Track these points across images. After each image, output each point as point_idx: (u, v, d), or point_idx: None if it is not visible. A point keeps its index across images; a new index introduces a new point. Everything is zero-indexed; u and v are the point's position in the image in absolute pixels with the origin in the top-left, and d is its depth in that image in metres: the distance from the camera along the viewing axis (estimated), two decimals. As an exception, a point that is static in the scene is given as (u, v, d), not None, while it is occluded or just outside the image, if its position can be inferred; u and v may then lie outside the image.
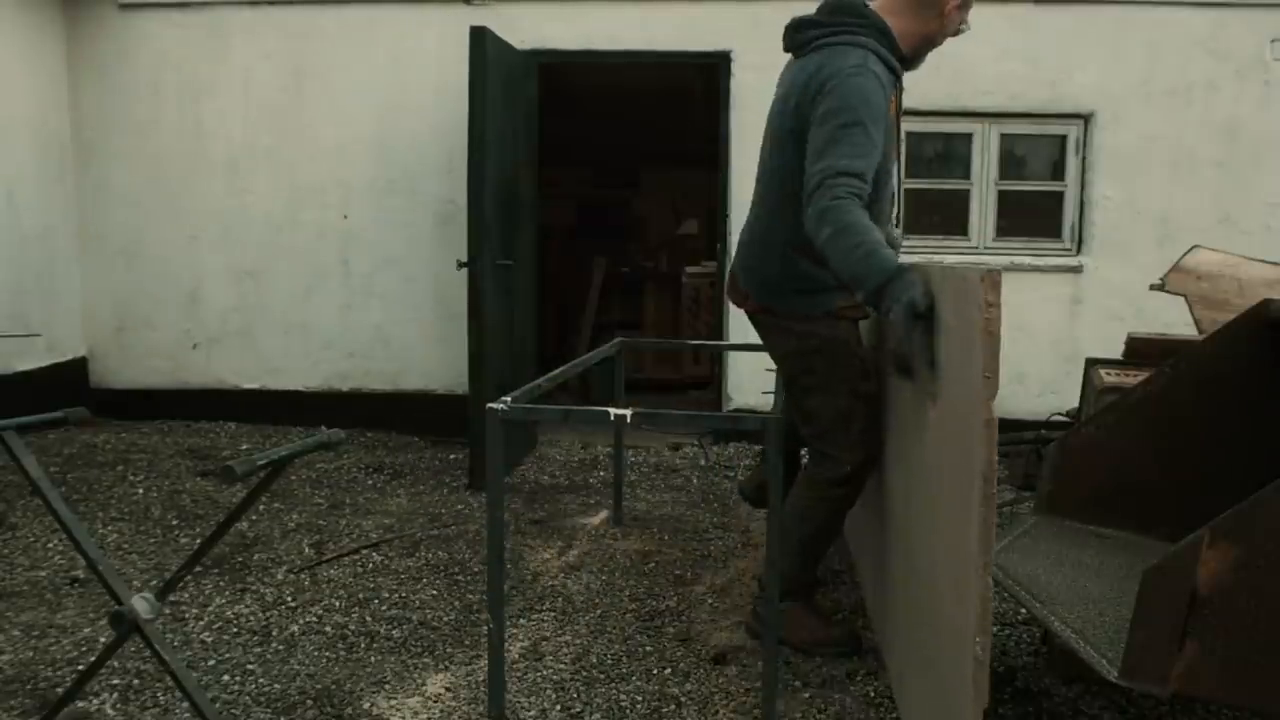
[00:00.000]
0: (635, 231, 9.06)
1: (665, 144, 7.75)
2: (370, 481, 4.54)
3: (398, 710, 2.40)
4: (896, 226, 2.97)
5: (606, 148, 8.27)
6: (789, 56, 2.72)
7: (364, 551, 3.55)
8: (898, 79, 2.53)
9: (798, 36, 2.56)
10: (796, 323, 2.63)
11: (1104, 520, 2.46)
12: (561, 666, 2.66)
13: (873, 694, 2.53)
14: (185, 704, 2.39)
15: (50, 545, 3.54)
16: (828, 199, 2.28)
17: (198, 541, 3.59)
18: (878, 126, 2.36)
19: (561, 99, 6.61)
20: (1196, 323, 3.50)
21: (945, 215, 5.34)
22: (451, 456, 4.95)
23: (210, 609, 3.01)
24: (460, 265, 4.38)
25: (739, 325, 5.33)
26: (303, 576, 3.30)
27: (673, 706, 2.44)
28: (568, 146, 7.09)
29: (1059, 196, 5.26)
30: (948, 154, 5.36)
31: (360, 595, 3.14)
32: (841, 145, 2.32)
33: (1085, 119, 5.14)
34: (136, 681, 2.52)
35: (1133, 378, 2.96)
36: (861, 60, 2.39)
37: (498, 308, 4.47)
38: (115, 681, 2.51)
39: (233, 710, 2.39)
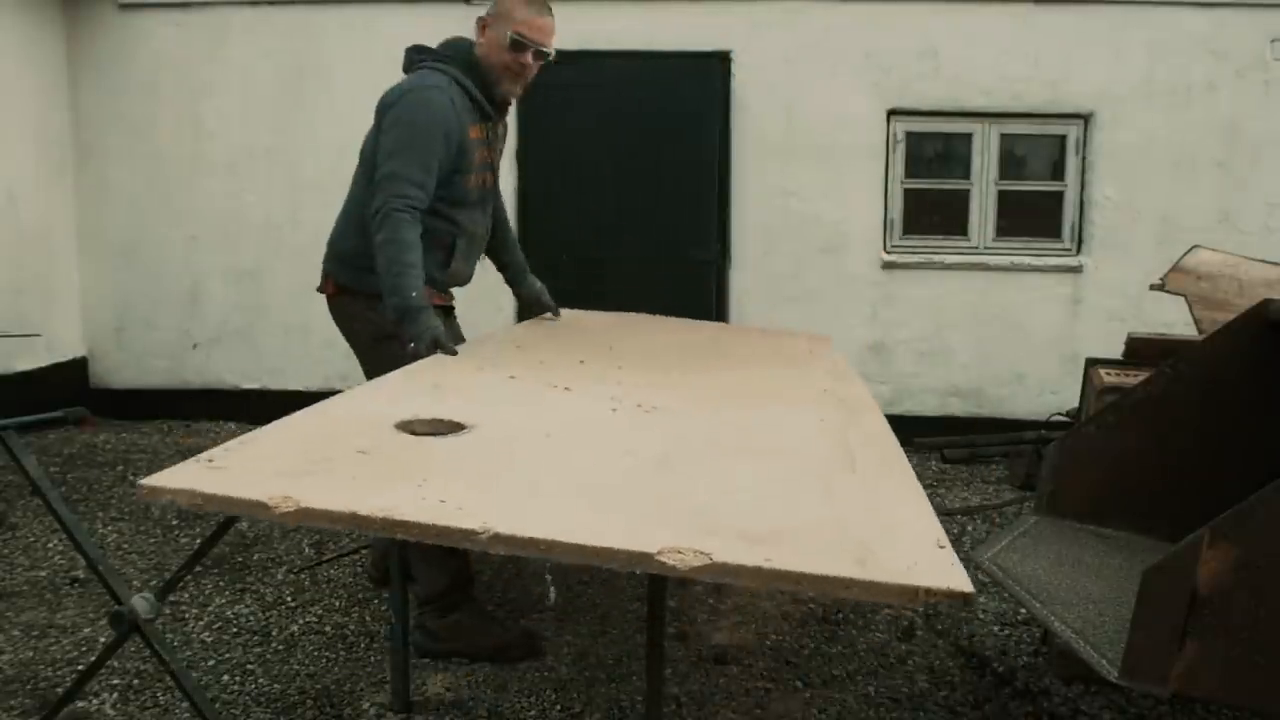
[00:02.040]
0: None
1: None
2: (370, 481, 4.53)
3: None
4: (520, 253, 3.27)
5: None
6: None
7: (364, 551, 3.55)
8: (490, 115, 2.80)
9: (407, 59, 2.90)
10: (373, 304, 2.68)
11: (1104, 520, 2.46)
12: (562, 666, 2.66)
13: (873, 694, 2.53)
14: (185, 704, 2.39)
15: (50, 545, 3.54)
16: (390, 204, 2.57)
17: (198, 541, 3.60)
18: (436, 143, 2.62)
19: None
20: (1196, 323, 3.50)
21: (945, 215, 5.34)
22: (451, 456, 4.94)
23: (210, 609, 3.01)
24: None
25: (738, 318, 5.34)
26: (303, 576, 3.30)
27: (673, 706, 2.44)
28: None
29: (1059, 196, 5.26)
30: (948, 154, 5.36)
31: (360, 595, 3.14)
32: (401, 152, 2.61)
33: (1085, 119, 5.14)
34: (136, 681, 2.52)
35: (1133, 378, 2.96)
36: (432, 85, 2.68)
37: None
38: (115, 681, 2.52)
39: (233, 710, 2.39)
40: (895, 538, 1.40)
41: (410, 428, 1.79)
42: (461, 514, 1.38)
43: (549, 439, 1.84)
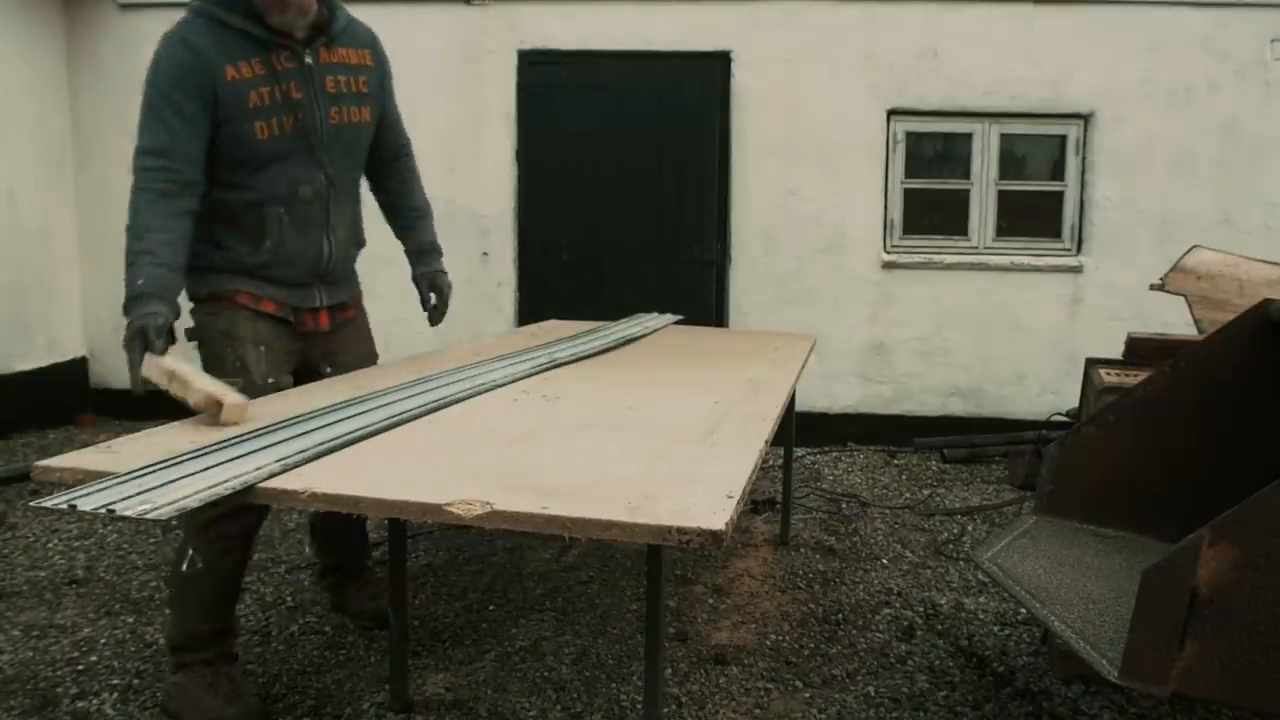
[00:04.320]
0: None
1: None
2: (370, 481, 4.53)
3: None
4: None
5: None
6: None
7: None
8: (272, 45, 2.31)
9: None
10: (192, 306, 2.39)
11: (1104, 520, 2.46)
12: (562, 666, 2.66)
13: (873, 694, 2.53)
14: (185, 704, 2.39)
15: (50, 545, 3.54)
16: (134, 184, 2.22)
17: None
18: (173, 100, 2.22)
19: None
20: (1196, 323, 3.50)
21: (945, 215, 5.34)
22: (451, 456, 4.94)
23: (210, 609, 3.01)
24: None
25: (738, 318, 5.34)
26: (303, 576, 3.30)
27: (673, 706, 2.44)
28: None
29: (1059, 196, 5.26)
30: (948, 154, 5.36)
31: (360, 595, 3.14)
32: (141, 123, 2.26)
33: (1085, 119, 5.14)
34: (136, 681, 2.52)
35: (1133, 378, 2.96)
36: (169, 34, 2.34)
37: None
38: (115, 682, 2.52)
39: (233, 710, 2.39)
40: (690, 490, 1.53)
41: None
42: (292, 479, 1.54)
43: (430, 425, 1.99)
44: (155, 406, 2.25)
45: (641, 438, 1.90)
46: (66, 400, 5.47)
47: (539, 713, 2.41)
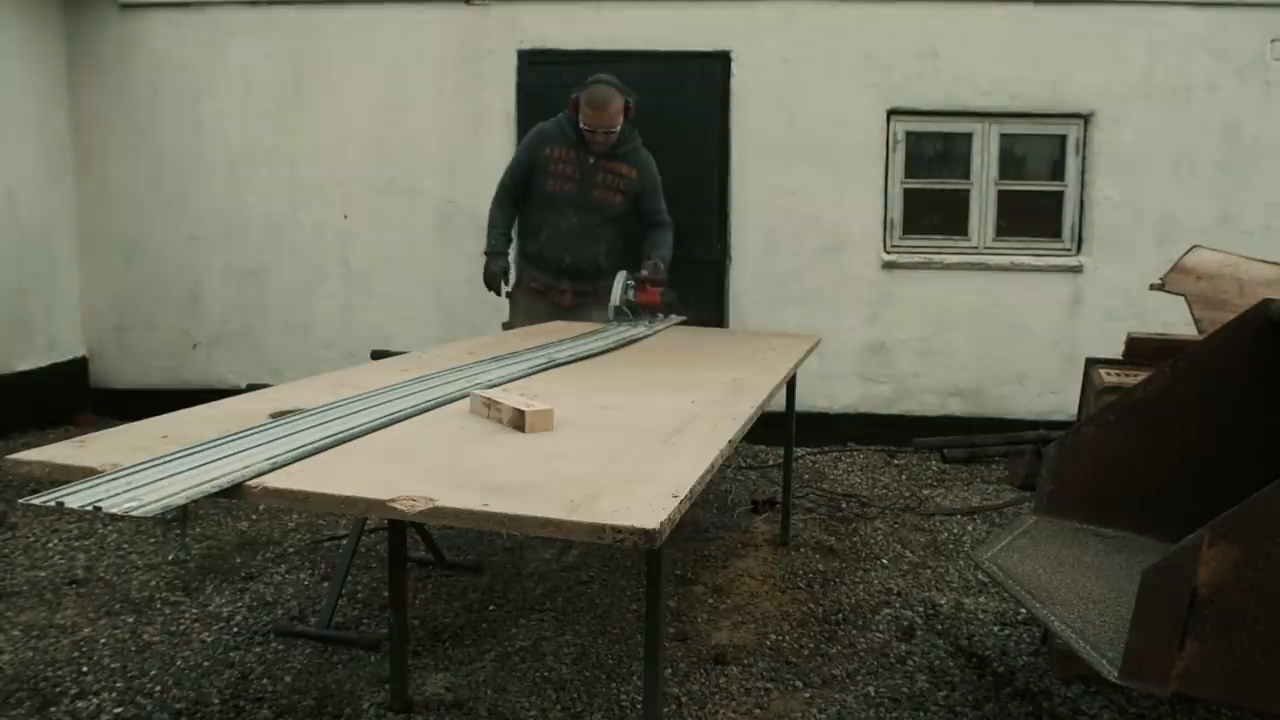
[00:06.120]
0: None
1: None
2: (370, 481, 4.52)
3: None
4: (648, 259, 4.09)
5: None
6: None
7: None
8: (581, 144, 4.08)
9: None
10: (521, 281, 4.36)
11: (1104, 520, 2.46)
12: (562, 666, 2.66)
13: (873, 694, 2.53)
14: (183, 704, 2.39)
15: (50, 545, 3.54)
16: (495, 195, 4.26)
17: (199, 543, 3.60)
18: (523, 153, 4.23)
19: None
20: (1196, 323, 3.50)
21: (945, 215, 5.34)
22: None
23: (210, 609, 3.01)
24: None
25: (738, 318, 5.34)
26: (303, 577, 3.30)
27: (673, 706, 2.44)
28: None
29: (1059, 196, 5.26)
30: (948, 154, 5.36)
31: (360, 595, 3.14)
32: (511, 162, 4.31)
33: (1085, 119, 5.14)
34: (137, 682, 2.52)
35: (1133, 378, 2.96)
36: (549, 120, 4.21)
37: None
38: (117, 684, 2.52)
39: (233, 710, 2.39)
40: (634, 489, 1.55)
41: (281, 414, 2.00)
42: (241, 472, 1.55)
43: (419, 424, 2.01)
44: (155, 406, 2.24)
45: (605, 437, 1.92)
46: (66, 400, 5.47)
47: (539, 713, 2.41)
